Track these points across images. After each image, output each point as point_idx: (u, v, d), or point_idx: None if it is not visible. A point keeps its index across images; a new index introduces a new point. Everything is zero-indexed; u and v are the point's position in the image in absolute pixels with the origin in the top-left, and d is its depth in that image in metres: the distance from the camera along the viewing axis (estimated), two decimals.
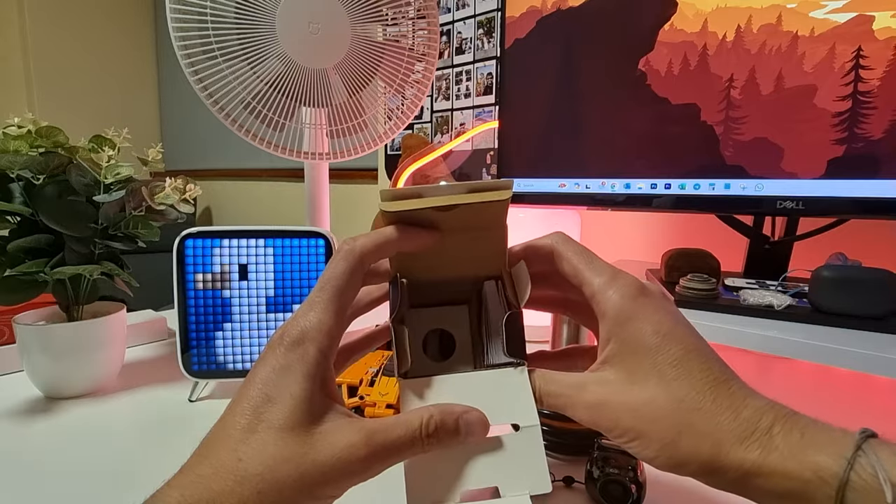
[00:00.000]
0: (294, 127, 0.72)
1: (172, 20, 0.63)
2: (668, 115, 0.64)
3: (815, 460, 0.19)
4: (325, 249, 0.50)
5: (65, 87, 2.44)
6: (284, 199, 2.17)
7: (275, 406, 0.21)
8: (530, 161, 0.77)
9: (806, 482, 0.19)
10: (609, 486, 0.32)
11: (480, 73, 1.27)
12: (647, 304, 0.24)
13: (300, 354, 0.22)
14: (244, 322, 0.49)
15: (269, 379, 0.22)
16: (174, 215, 0.54)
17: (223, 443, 0.21)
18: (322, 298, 0.24)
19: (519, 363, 0.27)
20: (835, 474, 0.19)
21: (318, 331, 0.23)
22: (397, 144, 1.46)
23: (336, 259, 0.25)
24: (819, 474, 0.19)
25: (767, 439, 0.20)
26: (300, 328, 0.23)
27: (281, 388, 0.21)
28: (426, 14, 0.73)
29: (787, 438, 0.20)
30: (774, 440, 0.20)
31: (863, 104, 0.53)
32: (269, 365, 0.22)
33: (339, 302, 0.24)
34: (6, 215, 0.47)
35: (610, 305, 0.24)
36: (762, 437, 0.20)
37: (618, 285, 0.24)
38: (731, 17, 0.59)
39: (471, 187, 0.25)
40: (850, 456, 0.19)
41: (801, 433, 0.20)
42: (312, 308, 0.24)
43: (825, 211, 0.57)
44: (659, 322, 0.23)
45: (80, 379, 0.51)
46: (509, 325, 0.27)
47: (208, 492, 0.19)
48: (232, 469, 0.20)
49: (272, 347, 0.23)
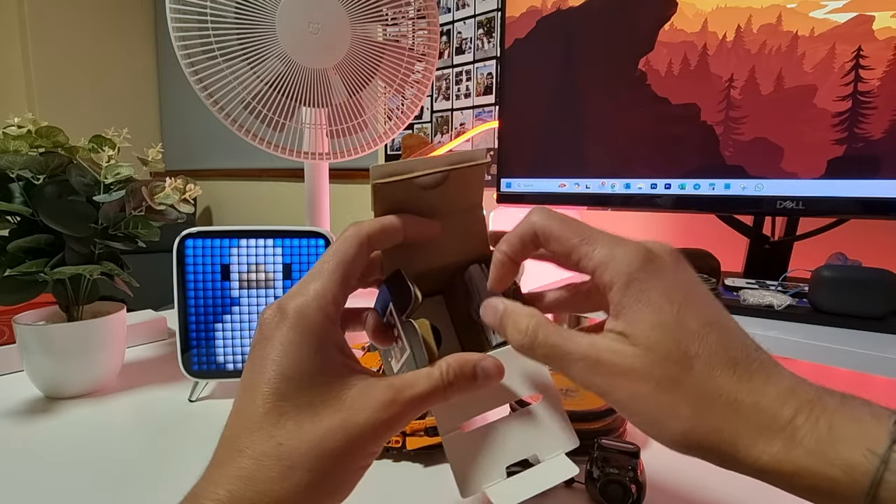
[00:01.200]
0: (294, 127, 0.72)
1: (172, 20, 0.63)
2: (668, 115, 0.64)
3: (844, 458, 0.17)
4: (325, 249, 0.50)
5: (65, 87, 2.44)
6: (284, 199, 2.16)
7: (297, 383, 0.21)
8: (530, 161, 0.77)
9: (834, 481, 0.18)
10: (609, 486, 0.32)
11: (480, 73, 1.27)
12: (657, 271, 0.22)
13: (308, 326, 0.22)
14: (244, 322, 0.49)
15: (282, 357, 0.21)
16: (174, 215, 0.54)
17: (254, 432, 0.20)
18: (326, 269, 0.23)
19: None
20: (866, 472, 0.17)
21: (323, 297, 0.22)
22: (397, 144, 1.46)
23: (342, 237, 0.24)
24: (849, 473, 0.17)
25: (791, 432, 0.18)
26: (303, 298, 0.22)
27: (298, 365, 0.21)
28: (426, 14, 0.73)
29: (813, 432, 0.18)
30: (798, 433, 0.18)
31: (863, 104, 0.53)
32: (278, 342, 0.21)
33: (344, 271, 0.23)
34: (6, 215, 0.47)
35: (616, 278, 0.22)
36: (785, 429, 0.19)
37: (621, 253, 0.22)
38: (731, 17, 0.59)
39: (450, 160, 0.25)
40: (884, 452, 0.17)
41: (829, 425, 0.18)
42: (315, 278, 0.23)
43: (825, 211, 0.57)
44: (673, 292, 0.21)
45: (80, 379, 0.51)
46: None
47: (256, 482, 0.19)
48: (275, 455, 0.20)
49: (274, 323, 0.22)
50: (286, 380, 0.21)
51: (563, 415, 0.27)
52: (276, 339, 0.21)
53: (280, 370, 0.21)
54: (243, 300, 0.49)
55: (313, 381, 0.21)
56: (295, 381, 0.21)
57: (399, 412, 0.22)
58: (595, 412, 0.39)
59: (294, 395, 0.21)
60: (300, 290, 0.23)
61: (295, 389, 0.21)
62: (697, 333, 0.20)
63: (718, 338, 0.20)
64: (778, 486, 0.19)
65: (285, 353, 0.21)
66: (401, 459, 0.38)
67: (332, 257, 0.24)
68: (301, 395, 0.21)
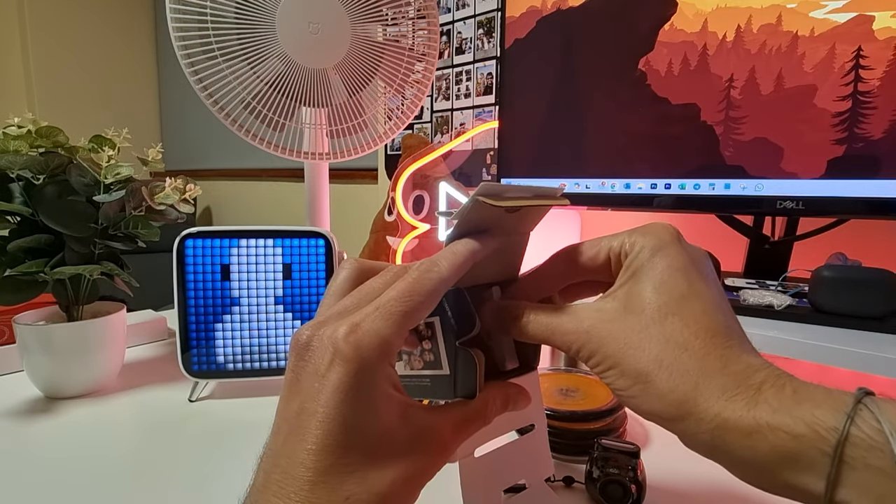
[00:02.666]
0: (294, 127, 0.72)
1: (172, 20, 0.63)
2: (668, 115, 0.64)
3: (810, 413, 0.17)
4: (325, 249, 0.50)
5: (65, 87, 2.44)
6: (284, 199, 2.16)
7: (359, 434, 0.19)
8: (530, 161, 0.77)
9: (797, 438, 0.17)
10: (609, 486, 0.32)
11: (480, 73, 1.27)
12: (674, 243, 0.23)
13: (368, 370, 0.20)
14: (244, 322, 0.49)
15: (341, 404, 0.19)
16: (174, 215, 0.54)
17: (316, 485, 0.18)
18: (398, 310, 0.21)
19: (534, 368, 0.28)
20: (832, 428, 0.17)
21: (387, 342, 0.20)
22: (397, 144, 1.46)
23: (420, 272, 0.22)
24: (814, 428, 0.17)
25: (755, 394, 0.18)
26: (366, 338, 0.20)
27: (359, 414, 0.19)
28: (426, 14, 0.73)
29: (778, 394, 0.18)
30: (763, 395, 0.18)
31: (863, 104, 0.53)
32: (335, 385, 0.19)
33: (411, 319, 0.21)
34: (6, 215, 0.47)
35: (638, 245, 0.23)
36: (749, 392, 0.19)
37: (652, 230, 0.23)
38: (731, 17, 0.59)
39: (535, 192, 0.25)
40: (850, 409, 0.17)
41: (794, 390, 0.18)
42: (383, 313, 0.20)
43: (825, 211, 0.57)
44: (677, 259, 0.22)
45: (80, 379, 0.51)
46: None
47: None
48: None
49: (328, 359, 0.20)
50: (347, 430, 0.19)
51: (547, 443, 0.30)
52: (330, 379, 0.19)
53: (342, 420, 0.19)
54: (243, 300, 0.49)
55: (374, 429, 0.20)
56: (356, 431, 0.19)
57: (456, 444, 0.23)
58: (595, 412, 0.39)
59: (356, 447, 0.19)
60: (359, 323, 0.20)
61: (357, 440, 0.19)
62: (685, 298, 0.21)
63: (704, 309, 0.21)
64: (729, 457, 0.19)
65: (345, 399, 0.19)
66: None
67: (403, 292, 0.21)
68: (363, 445, 0.19)
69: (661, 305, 0.21)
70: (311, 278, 0.50)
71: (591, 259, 0.25)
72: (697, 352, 0.20)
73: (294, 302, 0.50)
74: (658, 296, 0.21)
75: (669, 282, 0.21)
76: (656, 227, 0.23)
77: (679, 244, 0.23)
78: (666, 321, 0.21)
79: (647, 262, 0.22)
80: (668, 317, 0.21)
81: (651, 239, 0.23)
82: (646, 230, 0.23)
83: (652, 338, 0.21)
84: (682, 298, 0.21)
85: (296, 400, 0.20)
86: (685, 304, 0.21)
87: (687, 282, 0.21)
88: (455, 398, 0.25)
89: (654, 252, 0.22)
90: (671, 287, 0.21)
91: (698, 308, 0.21)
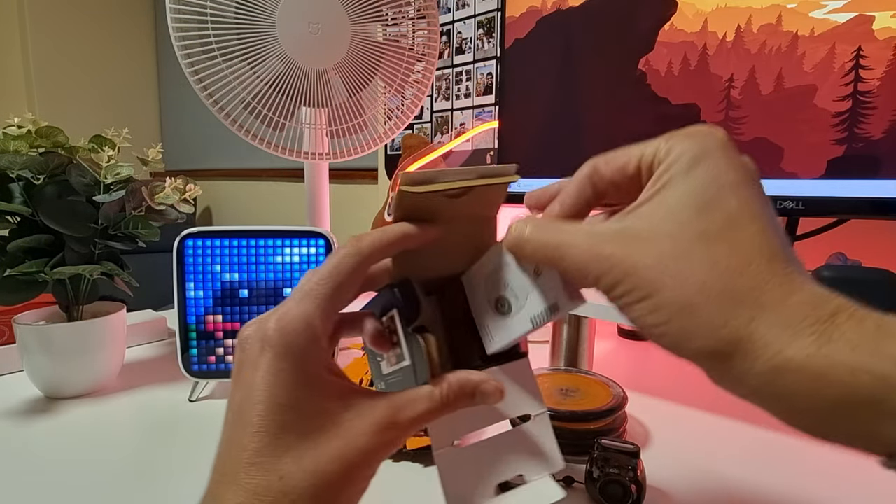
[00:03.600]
0: (294, 127, 0.72)
1: (172, 20, 0.63)
2: (668, 115, 0.64)
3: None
4: (325, 249, 0.50)
5: (65, 87, 2.44)
6: (284, 199, 2.16)
7: (291, 413, 0.20)
8: (530, 161, 0.77)
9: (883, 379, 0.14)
10: (609, 486, 0.32)
11: (480, 73, 1.27)
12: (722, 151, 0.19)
13: (295, 351, 0.20)
14: (244, 322, 0.49)
15: (272, 387, 0.20)
16: (174, 215, 0.54)
17: (252, 466, 0.19)
18: (316, 289, 0.22)
19: (523, 354, 0.27)
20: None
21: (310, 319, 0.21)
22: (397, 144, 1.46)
23: (340, 254, 0.23)
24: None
25: (827, 327, 0.15)
26: (289, 321, 0.21)
27: (290, 394, 0.20)
28: (426, 14, 0.73)
29: (857, 328, 0.15)
30: (839, 329, 0.15)
31: (863, 104, 0.53)
32: (265, 370, 0.20)
33: (336, 289, 0.22)
34: (6, 215, 0.47)
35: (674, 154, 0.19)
36: (820, 325, 0.15)
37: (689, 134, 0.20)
38: (731, 17, 0.59)
39: (479, 172, 0.24)
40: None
41: (877, 325, 0.15)
42: (303, 298, 0.22)
43: (825, 211, 0.57)
44: (725, 173, 0.18)
45: (80, 379, 0.51)
46: None
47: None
48: (278, 489, 0.19)
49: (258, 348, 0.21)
50: (280, 410, 0.20)
51: (552, 438, 0.28)
52: (261, 365, 0.20)
53: (273, 401, 0.20)
54: (243, 300, 0.49)
55: (307, 409, 0.20)
56: (289, 411, 0.20)
57: (398, 434, 0.22)
58: (595, 412, 0.39)
59: (290, 426, 0.20)
60: (286, 311, 0.21)
61: (291, 420, 0.20)
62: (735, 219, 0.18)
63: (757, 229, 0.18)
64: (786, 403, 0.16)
65: (275, 381, 0.20)
66: (401, 459, 0.38)
67: (324, 275, 0.22)
68: (297, 425, 0.20)
69: (706, 227, 0.18)
70: None
71: (619, 170, 0.22)
72: (753, 278, 0.17)
73: None
74: (701, 215, 0.18)
75: (715, 199, 0.18)
76: (701, 130, 0.20)
77: (727, 153, 0.19)
78: (712, 245, 0.17)
79: (687, 172, 0.19)
80: (715, 240, 0.17)
81: (692, 144, 0.19)
82: (688, 133, 0.20)
83: (695, 263, 0.17)
84: (731, 220, 0.18)
85: (238, 390, 0.21)
86: (735, 225, 0.18)
87: (737, 199, 0.18)
88: (417, 386, 0.24)
89: (695, 161, 0.19)
90: (717, 205, 0.18)
91: (752, 229, 0.18)
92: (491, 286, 0.26)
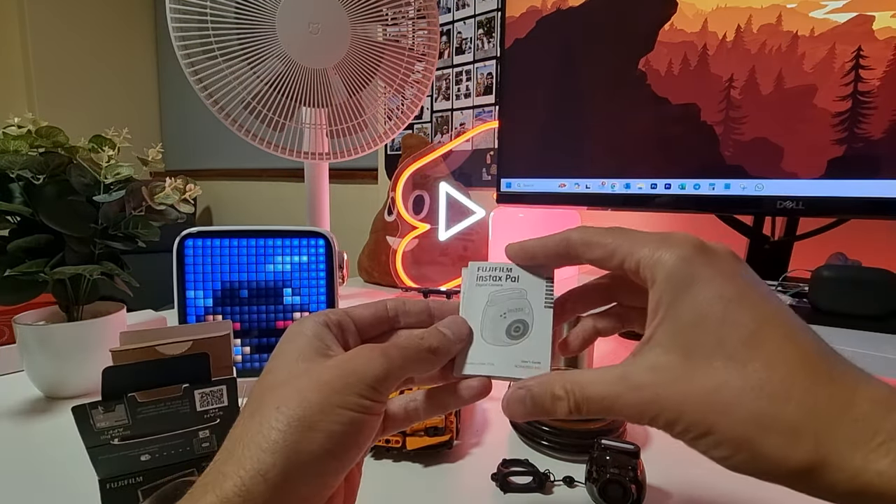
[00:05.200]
0: (294, 127, 0.72)
1: (172, 20, 0.63)
2: (668, 115, 0.64)
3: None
4: (326, 249, 0.50)
5: (65, 86, 2.44)
6: (284, 199, 2.16)
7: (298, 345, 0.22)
8: (530, 161, 0.77)
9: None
10: (609, 486, 0.32)
11: (480, 73, 1.27)
12: (709, 263, 0.19)
13: (316, 317, 0.23)
14: (244, 322, 0.49)
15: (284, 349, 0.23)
16: (174, 215, 0.54)
17: (252, 413, 0.21)
18: None
19: None
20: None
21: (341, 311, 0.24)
22: (397, 144, 1.46)
23: None
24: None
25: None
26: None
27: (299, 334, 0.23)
28: (426, 14, 0.73)
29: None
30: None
31: (863, 104, 0.53)
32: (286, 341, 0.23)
33: None
34: (6, 215, 0.47)
35: (660, 269, 0.19)
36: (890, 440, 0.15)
37: (670, 245, 0.19)
38: (731, 17, 0.59)
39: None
40: None
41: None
42: None
43: (825, 211, 0.57)
44: (723, 285, 0.18)
45: (80, 379, 0.51)
46: None
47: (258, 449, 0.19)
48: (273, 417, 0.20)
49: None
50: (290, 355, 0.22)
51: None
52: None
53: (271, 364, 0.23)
54: (243, 300, 0.49)
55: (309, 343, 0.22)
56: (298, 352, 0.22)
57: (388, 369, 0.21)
58: None
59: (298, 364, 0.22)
60: None
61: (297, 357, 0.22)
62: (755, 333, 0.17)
63: (782, 337, 0.17)
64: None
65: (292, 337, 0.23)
66: (401, 459, 0.38)
67: None
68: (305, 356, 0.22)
69: (732, 351, 0.17)
70: (310, 278, 0.50)
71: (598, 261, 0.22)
72: (802, 403, 0.16)
73: (294, 302, 0.50)
74: (721, 339, 0.17)
75: (728, 317, 0.18)
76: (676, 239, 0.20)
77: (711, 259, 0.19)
78: (745, 367, 0.17)
79: (686, 293, 0.18)
80: (746, 362, 0.17)
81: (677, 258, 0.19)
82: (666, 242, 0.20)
83: (736, 394, 0.17)
84: (753, 336, 0.17)
85: None
86: (760, 340, 0.17)
87: (748, 311, 0.18)
88: None
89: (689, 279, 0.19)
90: (732, 324, 0.17)
91: (777, 336, 0.17)
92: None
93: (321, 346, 0.22)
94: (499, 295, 0.26)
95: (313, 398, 0.19)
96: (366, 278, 1.01)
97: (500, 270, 0.26)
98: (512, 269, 0.26)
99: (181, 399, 0.29)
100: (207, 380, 0.30)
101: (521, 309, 0.25)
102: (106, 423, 0.28)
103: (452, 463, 0.38)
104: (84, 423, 0.28)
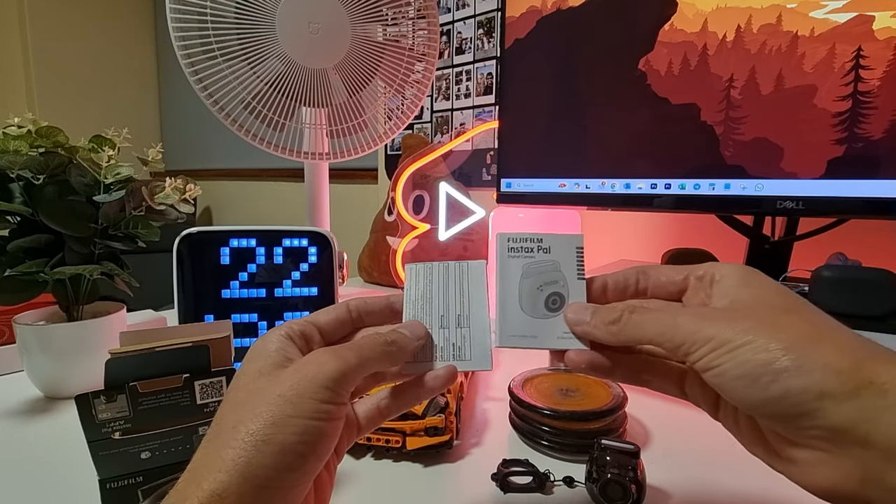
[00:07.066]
0: (294, 127, 0.72)
1: (172, 20, 0.63)
2: (668, 115, 0.64)
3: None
4: (326, 249, 0.50)
5: (65, 87, 2.44)
6: (284, 199, 2.17)
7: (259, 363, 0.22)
8: (530, 161, 0.77)
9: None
10: (609, 486, 0.32)
11: (480, 73, 1.27)
12: (755, 272, 0.23)
13: (279, 331, 0.24)
14: (244, 322, 0.49)
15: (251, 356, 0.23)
16: (174, 215, 0.54)
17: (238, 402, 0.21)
18: None
19: None
20: None
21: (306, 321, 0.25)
22: (397, 144, 1.46)
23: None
24: None
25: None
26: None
27: (262, 351, 0.23)
28: (426, 14, 0.74)
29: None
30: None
31: (863, 104, 0.53)
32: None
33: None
34: (6, 215, 0.47)
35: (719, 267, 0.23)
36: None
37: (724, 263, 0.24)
38: (731, 17, 0.59)
39: None
40: None
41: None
42: None
43: (825, 211, 0.57)
44: (772, 284, 0.22)
45: (80, 379, 0.51)
46: None
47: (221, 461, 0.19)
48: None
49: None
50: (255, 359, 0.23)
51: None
52: None
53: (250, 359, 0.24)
54: (243, 300, 0.49)
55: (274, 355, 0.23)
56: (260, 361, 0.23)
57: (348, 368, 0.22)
58: (595, 412, 0.39)
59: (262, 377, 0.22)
60: None
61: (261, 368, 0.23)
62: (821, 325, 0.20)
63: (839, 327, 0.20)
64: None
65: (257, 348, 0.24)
66: (401, 459, 0.38)
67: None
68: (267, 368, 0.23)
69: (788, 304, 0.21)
70: (310, 278, 0.50)
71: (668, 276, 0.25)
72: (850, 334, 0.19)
73: (294, 302, 0.50)
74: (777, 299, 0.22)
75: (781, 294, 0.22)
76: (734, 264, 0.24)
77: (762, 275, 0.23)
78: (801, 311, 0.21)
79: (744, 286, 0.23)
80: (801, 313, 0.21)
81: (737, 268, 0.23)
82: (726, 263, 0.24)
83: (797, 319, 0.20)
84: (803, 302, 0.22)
85: None
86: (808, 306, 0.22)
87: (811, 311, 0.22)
88: None
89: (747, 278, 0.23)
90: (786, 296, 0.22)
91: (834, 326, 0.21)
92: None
93: (282, 359, 0.23)
94: (533, 267, 0.27)
95: (265, 412, 0.20)
96: (366, 278, 1.01)
97: (531, 241, 0.27)
98: (542, 239, 0.27)
99: (181, 390, 0.29)
100: (208, 371, 0.30)
101: (556, 282, 0.27)
102: (108, 415, 0.28)
103: (452, 463, 0.38)
104: (86, 413, 0.28)
